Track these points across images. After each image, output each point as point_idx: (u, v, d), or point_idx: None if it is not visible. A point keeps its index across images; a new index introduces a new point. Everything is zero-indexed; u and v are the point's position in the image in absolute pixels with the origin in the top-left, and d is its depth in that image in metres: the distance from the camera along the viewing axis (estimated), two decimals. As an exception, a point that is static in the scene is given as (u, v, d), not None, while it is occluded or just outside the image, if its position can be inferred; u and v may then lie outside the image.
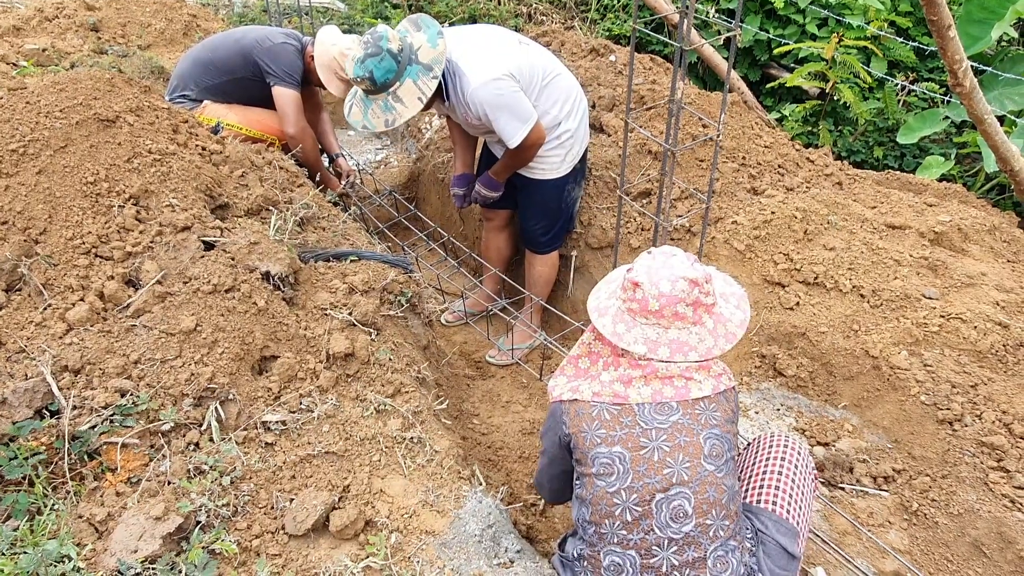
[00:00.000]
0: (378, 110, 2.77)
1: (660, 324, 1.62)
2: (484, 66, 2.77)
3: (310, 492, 1.72)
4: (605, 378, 1.65)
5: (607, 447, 1.61)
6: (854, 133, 4.98)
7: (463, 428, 2.65)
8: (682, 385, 1.62)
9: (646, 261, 1.66)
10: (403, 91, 2.73)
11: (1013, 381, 2.55)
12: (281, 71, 3.27)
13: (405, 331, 2.47)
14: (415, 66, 2.71)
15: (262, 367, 2.02)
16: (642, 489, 1.59)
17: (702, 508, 1.58)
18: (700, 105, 3.95)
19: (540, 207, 3.22)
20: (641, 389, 1.61)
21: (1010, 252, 3.46)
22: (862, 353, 2.77)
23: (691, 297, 1.60)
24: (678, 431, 1.60)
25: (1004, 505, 2.20)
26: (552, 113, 2.96)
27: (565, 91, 3.01)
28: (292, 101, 3.28)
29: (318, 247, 2.53)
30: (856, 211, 3.45)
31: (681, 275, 1.61)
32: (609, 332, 1.65)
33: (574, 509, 1.75)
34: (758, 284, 3.14)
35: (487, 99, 2.76)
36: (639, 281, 1.61)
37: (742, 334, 1.69)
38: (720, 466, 1.61)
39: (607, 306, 1.70)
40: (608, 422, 1.62)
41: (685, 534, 1.58)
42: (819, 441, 2.63)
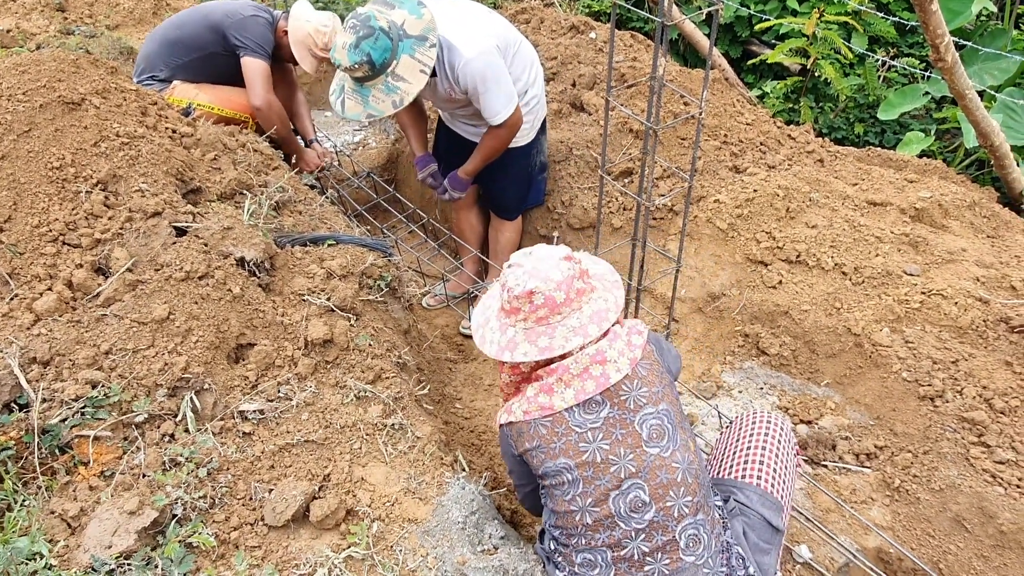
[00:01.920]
0: (380, 94, 2.65)
1: (573, 310, 1.59)
2: (474, 37, 2.70)
3: (289, 482, 1.69)
4: (530, 393, 1.61)
5: (552, 460, 1.58)
6: (835, 110, 4.97)
7: (445, 413, 2.63)
8: (600, 373, 1.57)
9: (517, 271, 1.60)
10: (402, 68, 2.63)
11: (993, 357, 2.56)
12: (251, 42, 3.16)
13: (385, 316, 2.43)
14: (406, 41, 2.61)
15: (238, 355, 1.97)
16: (595, 492, 1.57)
17: (658, 493, 1.57)
18: (681, 83, 3.91)
19: (511, 176, 3.20)
20: (564, 393, 1.57)
21: (989, 228, 3.47)
22: (844, 331, 2.77)
23: (576, 270, 1.61)
24: (611, 426, 1.57)
25: (985, 480, 2.22)
26: (522, 80, 2.96)
27: (529, 58, 3.03)
28: (260, 71, 3.17)
29: (294, 231, 2.47)
30: (838, 188, 3.44)
31: (557, 258, 1.60)
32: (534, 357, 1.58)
33: (543, 515, 1.73)
34: (741, 263, 3.13)
35: (480, 72, 2.69)
36: (532, 289, 1.56)
37: (619, 278, 1.71)
38: (665, 445, 1.58)
39: (511, 341, 1.62)
40: (545, 436, 1.58)
41: (649, 521, 1.57)
42: (802, 419, 2.64)
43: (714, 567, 1.62)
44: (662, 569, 1.59)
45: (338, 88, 2.78)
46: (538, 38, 4.46)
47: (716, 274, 3.14)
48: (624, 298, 1.68)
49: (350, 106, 2.73)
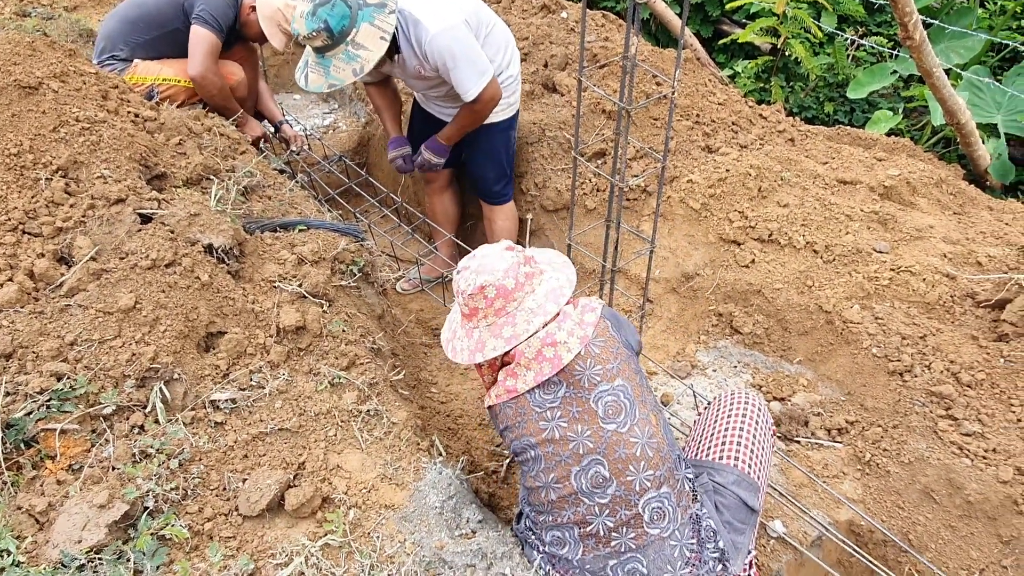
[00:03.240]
0: (341, 63, 2.62)
1: (527, 293, 1.64)
2: (440, 11, 2.65)
3: (264, 471, 1.67)
4: (501, 377, 1.67)
5: (518, 440, 1.65)
6: (805, 89, 5.00)
7: (421, 397, 2.61)
8: (552, 355, 1.60)
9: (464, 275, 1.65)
10: (361, 36, 2.59)
11: (960, 331, 2.61)
12: (203, 11, 3.08)
13: (358, 301, 2.41)
14: (366, 9, 2.58)
15: (208, 344, 1.94)
16: (557, 468, 1.61)
17: (618, 468, 1.59)
18: (653, 62, 3.89)
19: (489, 154, 3.17)
20: (526, 375, 1.62)
21: (956, 204, 3.53)
22: (816, 308, 2.80)
23: (521, 257, 1.66)
24: (568, 404, 1.62)
25: (952, 452, 2.27)
26: (496, 60, 2.93)
27: (504, 38, 3.00)
28: (204, 40, 3.08)
29: (264, 217, 2.43)
30: (808, 167, 3.46)
31: (499, 250, 1.67)
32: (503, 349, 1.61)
33: (520, 491, 1.77)
34: (714, 243, 3.15)
35: (447, 47, 2.64)
36: (482, 284, 1.61)
37: (567, 258, 1.76)
38: (622, 421, 1.61)
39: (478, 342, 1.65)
40: (511, 417, 1.65)
41: (612, 496, 1.60)
42: (775, 396, 2.67)
43: (682, 539, 1.63)
44: (628, 543, 1.61)
45: (303, 64, 2.74)
46: (509, 18, 4.42)
47: (690, 254, 3.16)
48: (575, 275, 1.72)
49: (313, 79, 2.69)
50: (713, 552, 1.67)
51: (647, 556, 1.61)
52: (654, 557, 1.61)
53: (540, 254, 1.80)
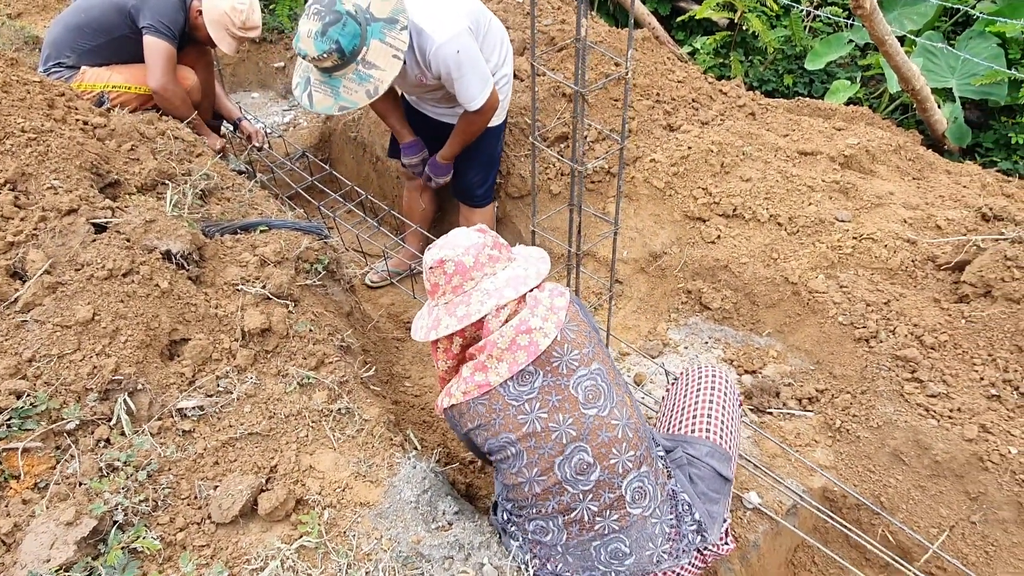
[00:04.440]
0: (352, 84, 2.48)
1: (486, 274, 1.61)
2: (445, 20, 2.54)
3: (235, 477, 1.65)
4: (466, 373, 1.61)
5: (494, 437, 1.59)
6: (764, 62, 5.02)
7: (395, 392, 2.61)
8: (527, 342, 1.56)
9: (430, 250, 1.66)
10: (372, 55, 2.45)
11: (922, 295, 2.66)
12: (154, 19, 2.99)
13: (325, 299, 2.38)
14: (375, 24, 2.43)
15: (172, 352, 1.91)
16: (540, 461, 1.58)
17: (601, 452, 1.59)
18: (611, 43, 3.89)
19: (479, 158, 3.10)
20: (498, 367, 1.57)
21: (915, 170, 3.58)
22: (782, 280, 2.83)
23: (490, 240, 1.65)
24: (547, 393, 1.58)
25: (919, 414, 2.31)
26: (493, 60, 2.86)
27: (499, 36, 2.92)
28: (160, 52, 3.00)
29: (223, 219, 2.39)
30: (770, 140, 3.49)
31: (467, 231, 1.66)
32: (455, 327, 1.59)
33: (496, 487, 1.76)
34: (679, 220, 3.17)
35: (453, 58, 2.54)
36: (441, 258, 1.60)
37: (548, 257, 1.74)
38: (602, 405, 1.60)
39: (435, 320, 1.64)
40: (484, 414, 1.59)
41: (595, 481, 1.59)
42: (746, 369, 2.70)
43: (662, 516, 1.65)
44: (611, 525, 1.62)
45: (302, 81, 2.58)
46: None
47: (656, 233, 3.17)
48: (548, 271, 1.69)
49: (319, 99, 2.54)
50: (691, 525, 1.69)
51: (630, 536, 1.63)
52: (636, 536, 1.63)
53: (523, 250, 1.78)
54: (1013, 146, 4.26)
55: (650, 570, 1.64)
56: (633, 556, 1.63)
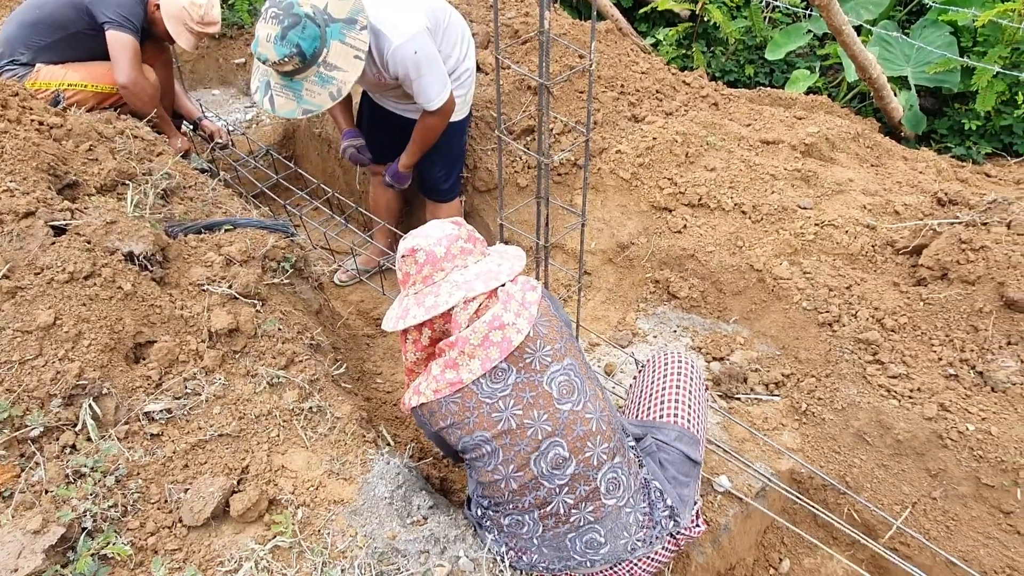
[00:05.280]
0: (314, 87, 2.45)
1: (457, 266, 1.62)
2: (402, 20, 2.52)
3: (206, 479, 1.63)
4: (436, 371, 1.59)
5: (468, 436, 1.59)
6: (726, 53, 5.08)
7: (366, 389, 2.60)
8: (500, 338, 1.55)
9: (404, 239, 1.68)
10: (333, 56, 2.41)
11: (882, 279, 2.72)
12: (115, 13, 2.91)
13: (293, 298, 2.37)
14: (334, 25, 2.40)
15: (138, 355, 1.88)
16: (516, 458, 1.58)
17: (576, 446, 1.60)
18: (575, 35, 3.90)
19: (443, 153, 3.09)
20: (470, 364, 1.56)
21: (873, 156, 3.66)
22: (747, 268, 2.88)
23: (464, 233, 1.66)
24: (521, 390, 1.57)
25: (881, 395, 2.37)
26: (454, 56, 2.84)
27: (459, 31, 2.91)
28: (126, 46, 2.94)
29: (187, 219, 2.36)
30: (733, 130, 3.54)
31: (440, 222, 1.67)
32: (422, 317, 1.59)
33: (469, 484, 1.76)
34: (646, 211, 3.20)
35: (411, 59, 2.53)
36: (413, 247, 1.62)
37: (524, 255, 1.74)
38: (576, 399, 1.61)
39: (404, 309, 1.65)
40: (457, 412, 1.58)
41: (571, 475, 1.60)
42: (714, 356, 2.74)
43: (635, 505, 1.68)
44: (586, 517, 1.64)
45: (262, 85, 2.54)
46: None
47: (623, 224, 3.20)
48: (521, 268, 1.68)
49: (281, 103, 2.50)
50: (663, 511, 1.71)
51: (604, 526, 1.65)
52: (611, 526, 1.65)
53: (501, 247, 1.77)
54: (966, 132, 4.37)
55: (625, 558, 1.67)
56: (608, 545, 1.65)
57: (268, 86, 2.52)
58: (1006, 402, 2.24)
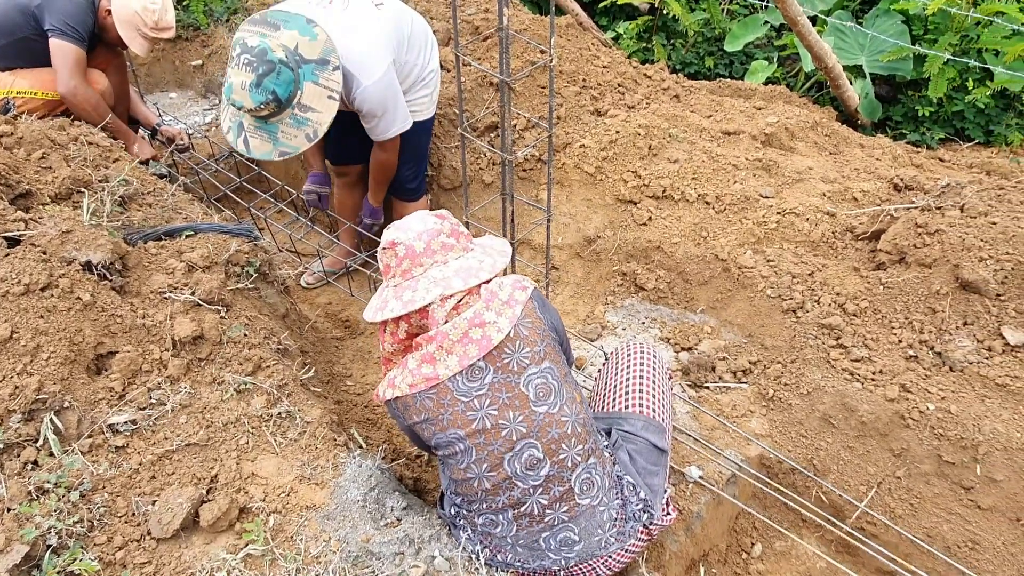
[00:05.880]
0: (290, 129, 2.44)
1: (436, 261, 1.62)
2: (369, 57, 2.51)
3: (174, 490, 1.61)
4: (412, 364, 1.59)
5: (442, 432, 1.58)
6: (686, 45, 5.13)
7: (336, 392, 2.58)
8: (480, 336, 1.56)
9: (388, 230, 1.68)
10: (307, 98, 2.40)
11: (843, 264, 2.77)
12: (59, 21, 2.84)
13: (259, 303, 2.34)
14: (306, 66, 2.38)
15: (99, 366, 1.84)
16: (489, 457, 1.58)
17: (551, 448, 1.60)
18: (536, 31, 3.91)
19: (411, 153, 3.09)
20: (447, 360, 1.56)
21: (831, 145, 3.72)
22: (712, 258, 2.91)
23: (447, 227, 1.65)
24: (497, 390, 1.57)
25: (844, 378, 2.42)
26: (419, 61, 2.85)
27: (423, 34, 2.90)
28: (67, 55, 2.87)
29: (146, 226, 2.31)
30: (694, 122, 3.58)
31: (425, 215, 1.67)
32: (399, 311, 1.59)
33: (442, 481, 1.76)
34: (611, 204, 3.22)
35: (380, 100, 2.57)
36: (394, 239, 1.62)
37: (509, 250, 1.76)
38: (552, 402, 1.60)
39: (383, 301, 1.66)
40: (432, 408, 1.58)
41: (545, 476, 1.60)
42: (683, 347, 2.77)
43: (609, 502, 1.69)
44: (561, 517, 1.65)
45: (234, 126, 2.51)
46: None
47: (589, 218, 3.22)
48: (505, 265, 1.69)
49: (256, 145, 2.48)
50: (637, 504, 1.73)
51: (579, 524, 1.66)
52: (585, 524, 1.66)
53: (486, 240, 1.78)
54: (920, 118, 4.47)
55: (599, 554, 1.68)
56: (582, 543, 1.66)
57: (241, 127, 2.50)
58: (964, 381, 2.30)
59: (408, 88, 2.83)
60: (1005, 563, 2.11)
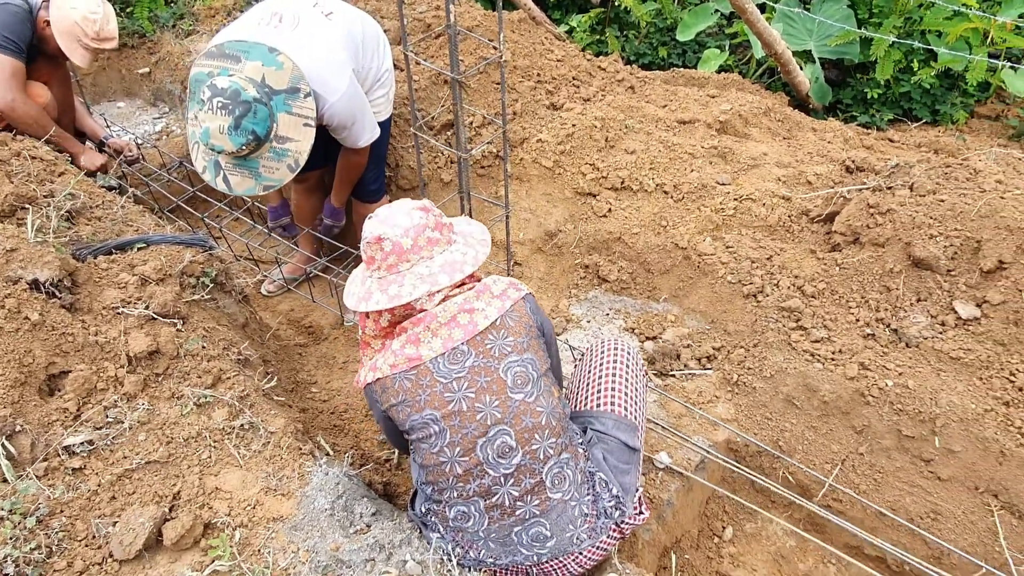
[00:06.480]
0: (270, 163, 2.39)
1: (423, 257, 1.64)
2: (331, 74, 2.47)
3: (135, 510, 1.57)
4: (396, 346, 1.63)
5: (418, 413, 1.60)
6: (639, 36, 5.15)
7: (301, 400, 2.55)
8: (467, 321, 1.60)
9: (372, 220, 1.68)
10: (283, 129, 2.35)
11: (800, 247, 2.82)
12: None
13: (217, 313, 2.29)
14: (277, 97, 2.32)
15: (52, 387, 1.79)
16: (462, 441, 1.60)
17: (524, 437, 1.62)
18: (488, 27, 3.89)
19: (372, 155, 3.06)
20: (432, 343, 1.60)
21: (784, 130, 3.78)
22: (672, 246, 2.94)
23: (432, 221, 1.66)
24: (476, 374, 1.60)
25: (806, 359, 2.46)
26: (375, 65, 2.82)
27: (375, 37, 2.87)
28: (4, 68, 2.77)
29: (95, 240, 2.25)
30: (650, 112, 3.60)
31: (409, 207, 1.67)
32: (385, 305, 1.62)
33: (413, 472, 1.76)
34: (571, 197, 3.23)
35: (348, 113, 2.54)
36: (380, 235, 1.63)
37: (489, 237, 1.78)
38: (529, 391, 1.63)
39: (367, 291, 1.67)
40: (410, 389, 1.60)
41: (516, 466, 1.61)
42: (647, 336, 2.79)
43: (580, 498, 1.69)
44: (532, 510, 1.65)
45: (210, 165, 2.45)
46: None
47: (549, 212, 3.22)
48: (487, 254, 1.71)
49: (238, 182, 2.43)
50: (609, 501, 1.74)
51: (550, 519, 1.66)
52: (556, 519, 1.67)
53: (466, 226, 1.79)
54: (869, 100, 4.56)
55: (571, 550, 1.69)
56: (554, 539, 1.67)
57: (218, 165, 2.44)
58: (920, 356, 2.36)
59: (367, 91, 2.80)
60: (966, 531, 2.16)
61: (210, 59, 2.34)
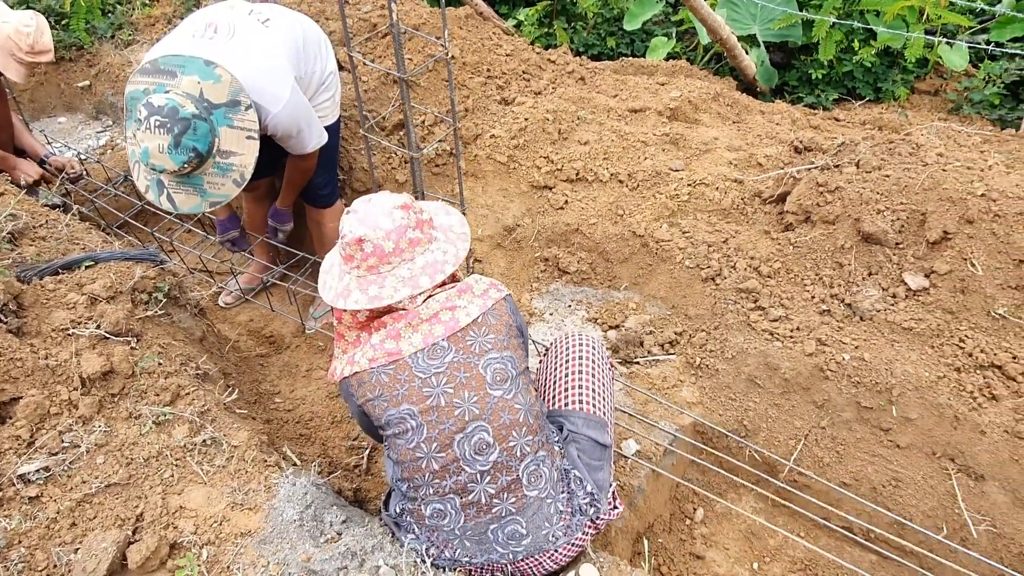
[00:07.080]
0: (215, 178, 2.32)
1: (404, 260, 1.62)
2: (272, 83, 2.41)
3: (97, 535, 1.53)
4: (375, 340, 1.61)
5: (395, 408, 1.59)
6: (586, 28, 5.18)
7: (265, 411, 2.51)
8: (449, 318, 1.61)
9: (351, 217, 1.65)
10: (226, 143, 2.28)
11: (754, 228, 2.86)
12: None
13: (172, 328, 2.25)
14: (217, 112, 2.25)
15: (3, 415, 1.74)
16: (439, 436, 1.59)
17: (501, 434, 1.61)
18: (434, 24, 3.87)
19: (321, 159, 3.01)
20: (412, 337, 1.59)
21: (733, 114, 3.83)
22: (630, 235, 2.96)
23: (413, 220, 1.64)
24: (456, 369, 1.59)
25: (765, 339, 2.50)
26: (317, 69, 2.76)
27: (316, 40, 2.81)
28: None
29: (40, 261, 2.18)
30: (601, 103, 3.62)
31: (390, 207, 1.63)
32: (365, 305, 1.61)
33: (388, 470, 1.74)
34: (527, 191, 3.23)
35: (293, 120, 2.47)
36: (360, 236, 1.60)
37: (468, 230, 1.77)
38: (508, 388, 1.63)
39: (345, 287, 1.65)
40: (387, 384, 1.59)
41: (493, 463, 1.61)
42: (610, 325, 2.81)
43: (556, 495, 1.70)
44: (508, 508, 1.65)
45: (152, 184, 2.36)
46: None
47: (506, 207, 3.22)
48: (466, 250, 1.70)
49: (182, 200, 2.35)
50: (584, 498, 1.74)
51: (526, 516, 1.66)
52: (532, 516, 1.67)
53: (444, 218, 1.76)
54: (814, 81, 4.65)
55: (546, 548, 1.69)
56: (530, 536, 1.67)
57: (161, 184, 2.36)
58: (873, 328, 2.42)
59: (311, 96, 2.76)
60: (926, 496, 2.23)
61: (145, 75, 2.27)
